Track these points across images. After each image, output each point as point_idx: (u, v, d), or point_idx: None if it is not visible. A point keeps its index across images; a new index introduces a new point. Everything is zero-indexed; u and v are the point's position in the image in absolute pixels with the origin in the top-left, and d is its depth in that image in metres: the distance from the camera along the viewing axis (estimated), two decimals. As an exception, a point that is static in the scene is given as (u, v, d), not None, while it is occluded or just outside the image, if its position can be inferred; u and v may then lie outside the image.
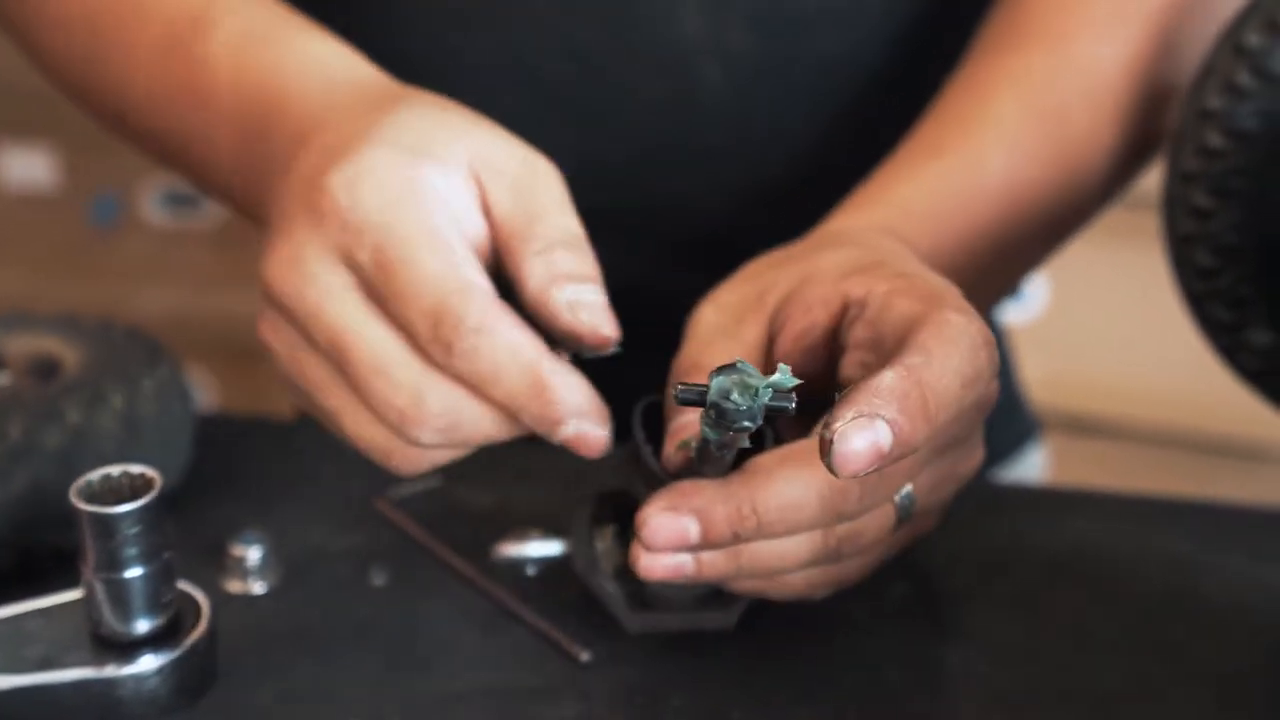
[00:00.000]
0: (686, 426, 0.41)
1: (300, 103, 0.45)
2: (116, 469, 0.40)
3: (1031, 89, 0.53)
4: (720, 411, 0.34)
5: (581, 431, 0.40)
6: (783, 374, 0.34)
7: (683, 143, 0.61)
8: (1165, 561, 0.49)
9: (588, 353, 0.42)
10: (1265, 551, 0.49)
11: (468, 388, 0.40)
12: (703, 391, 0.34)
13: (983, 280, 0.52)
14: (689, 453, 0.39)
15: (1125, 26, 0.53)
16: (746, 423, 0.34)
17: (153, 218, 1.62)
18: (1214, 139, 0.48)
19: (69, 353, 0.51)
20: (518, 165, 0.43)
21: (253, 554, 0.47)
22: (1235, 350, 0.51)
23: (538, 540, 0.46)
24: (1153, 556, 0.49)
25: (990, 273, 0.52)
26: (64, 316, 0.54)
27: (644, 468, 0.41)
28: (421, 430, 0.40)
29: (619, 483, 0.42)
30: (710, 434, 0.35)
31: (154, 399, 0.50)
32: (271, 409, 1.47)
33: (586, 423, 0.40)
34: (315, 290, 0.40)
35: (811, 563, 0.40)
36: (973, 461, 0.44)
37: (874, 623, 0.45)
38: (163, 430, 0.50)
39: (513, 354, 0.39)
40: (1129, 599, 0.47)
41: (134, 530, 0.39)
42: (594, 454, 0.40)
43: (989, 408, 0.43)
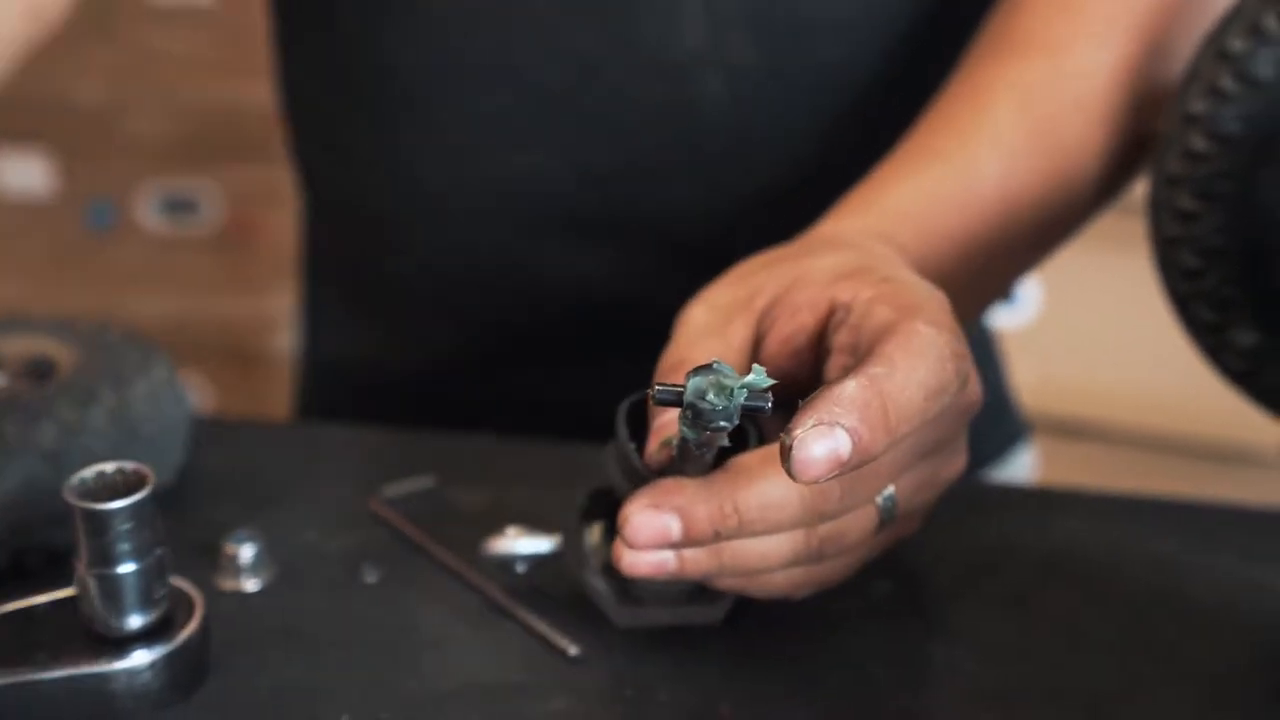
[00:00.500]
0: (668, 425, 0.41)
1: None
2: (110, 466, 0.40)
3: (1027, 97, 0.53)
4: (697, 412, 0.34)
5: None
6: (758, 375, 0.34)
7: (682, 150, 0.61)
8: (1154, 561, 0.49)
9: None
10: (1254, 551, 0.50)
11: None
12: (679, 392, 0.34)
13: (974, 285, 0.52)
14: (671, 450, 0.40)
15: (1118, 34, 0.54)
16: (723, 423, 0.34)
17: (149, 223, 1.62)
18: (1198, 143, 0.48)
19: (64, 354, 0.52)
20: None
21: (246, 552, 0.48)
22: (1220, 351, 0.51)
23: (527, 537, 0.47)
24: (1142, 556, 0.49)
25: (982, 278, 0.53)
26: (60, 319, 0.55)
27: (628, 465, 0.41)
28: None
29: (606, 480, 0.43)
30: (688, 433, 0.36)
31: (147, 400, 0.50)
32: (268, 413, 1.47)
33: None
34: None
35: (793, 562, 0.41)
36: (956, 466, 0.44)
37: (861, 620, 0.46)
38: (156, 430, 0.51)
39: None
40: (1118, 598, 0.47)
41: (127, 526, 0.39)
42: None
43: (973, 413, 0.43)
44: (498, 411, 0.65)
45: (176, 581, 0.43)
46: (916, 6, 0.60)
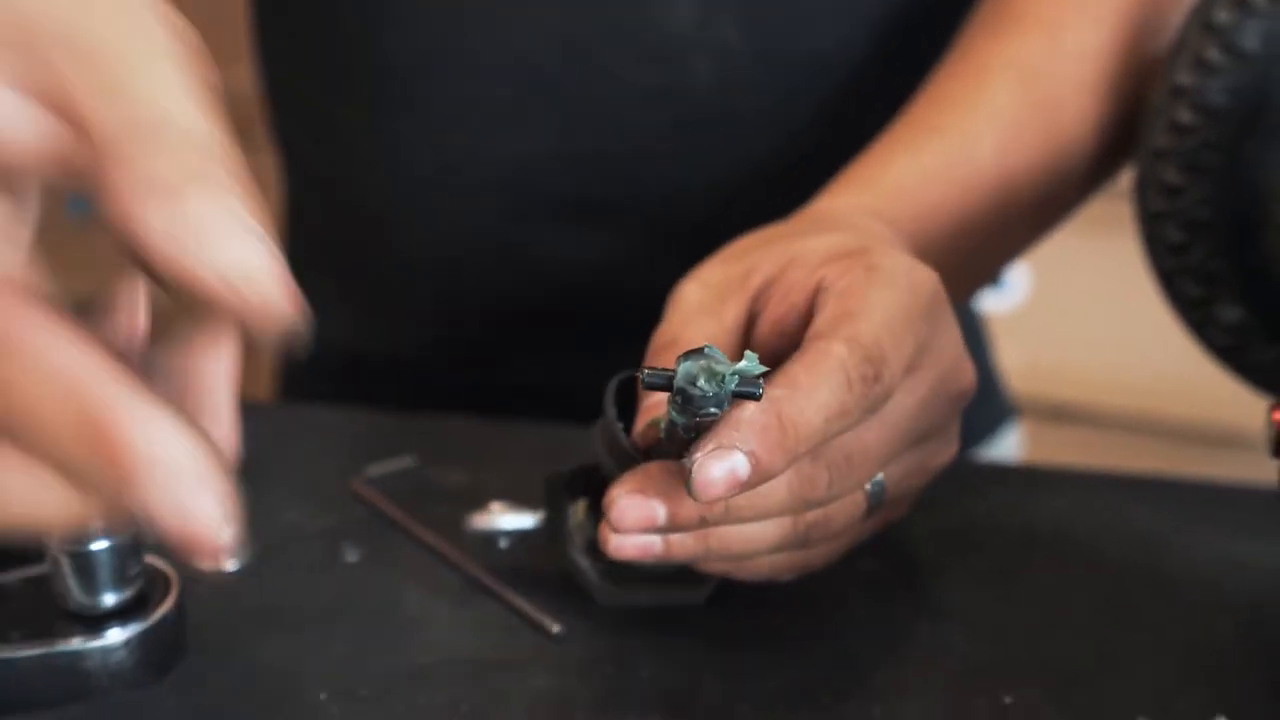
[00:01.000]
0: (657, 405, 0.41)
1: None
2: (83, 441, 0.40)
3: (1026, 74, 0.53)
4: (686, 397, 0.34)
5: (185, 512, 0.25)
6: (750, 361, 0.34)
7: (672, 133, 0.60)
8: (1139, 537, 0.49)
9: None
10: (1238, 528, 0.50)
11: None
12: (669, 376, 0.34)
13: (968, 264, 0.52)
14: (659, 431, 0.39)
15: (1114, 10, 0.54)
16: (713, 409, 0.34)
17: (133, 209, 1.61)
18: (1184, 115, 0.48)
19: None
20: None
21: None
22: (1204, 326, 0.51)
23: (510, 513, 0.46)
24: (1126, 533, 0.49)
25: (976, 257, 0.52)
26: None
27: (615, 444, 0.41)
28: None
29: (593, 452, 0.42)
30: (677, 418, 0.35)
31: (125, 377, 0.50)
32: (253, 398, 1.46)
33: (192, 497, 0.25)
34: None
35: (780, 547, 0.41)
36: (946, 454, 0.44)
37: (846, 597, 0.45)
38: (134, 408, 0.50)
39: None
40: (1102, 574, 0.47)
41: (100, 502, 0.38)
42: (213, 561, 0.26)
43: (965, 401, 0.43)
44: (485, 397, 0.64)
45: (152, 560, 0.42)
46: None
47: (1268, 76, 0.47)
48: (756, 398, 0.34)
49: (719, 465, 0.35)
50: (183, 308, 0.28)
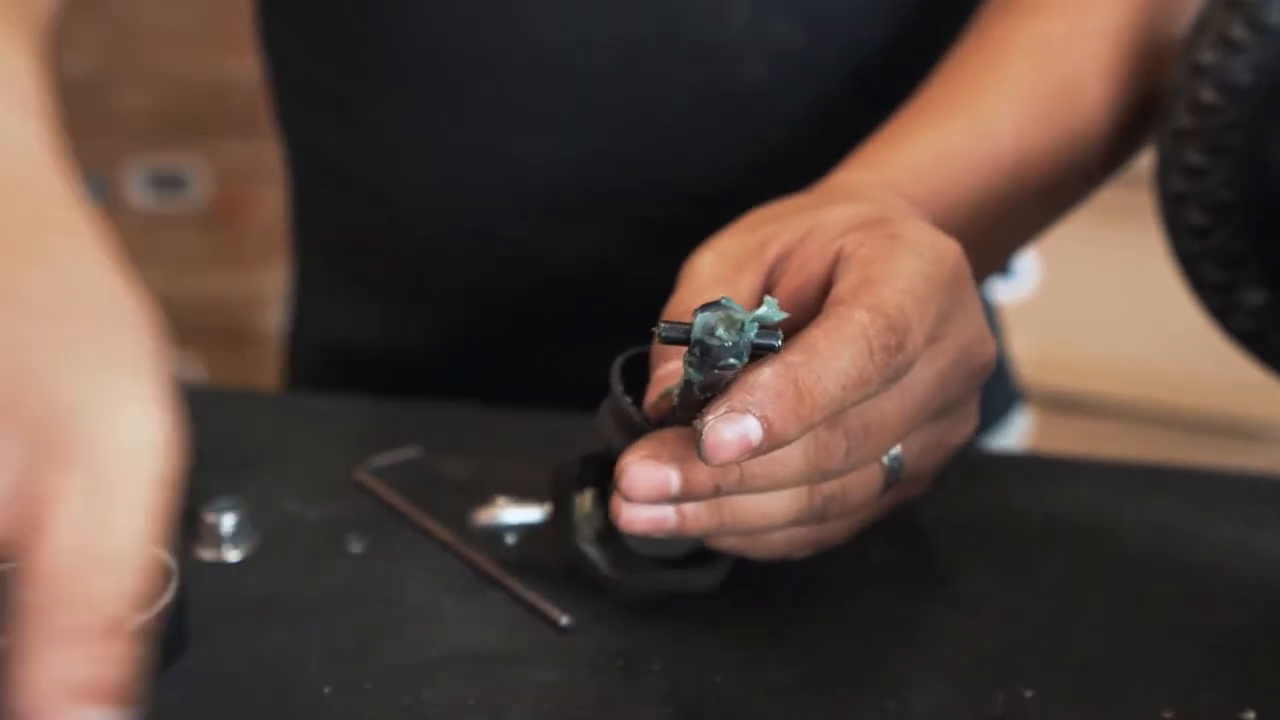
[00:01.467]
0: (669, 376, 0.40)
1: None
2: (80, 430, 0.39)
3: (1046, 54, 0.52)
4: (705, 349, 0.33)
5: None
6: (770, 307, 0.33)
7: (721, 135, 0.60)
8: (1153, 526, 0.48)
9: None
10: (1254, 517, 0.49)
11: None
12: (687, 329, 0.33)
13: (982, 246, 0.51)
14: (671, 400, 0.38)
15: None
16: (732, 360, 0.33)
17: (136, 200, 1.60)
18: (1207, 94, 0.47)
19: None
20: None
21: (226, 521, 0.46)
22: (1227, 312, 0.50)
23: (516, 507, 0.46)
24: (1141, 521, 0.49)
25: (991, 238, 0.51)
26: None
27: (625, 419, 0.40)
28: None
29: (599, 440, 0.41)
30: (694, 375, 0.34)
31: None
32: (258, 387, 1.46)
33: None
34: None
35: (796, 521, 0.40)
36: (965, 430, 0.43)
37: (858, 586, 0.45)
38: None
39: None
40: (1117, 563, 0.46)
41: (98, 491, 0.37)
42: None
43: (986, 375, 0.42)
44: (494, 389, 0.64)
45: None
46: None
47: (1292, 54, 0.46)
48: (776, 349, 0.33)
49: (731, 428, 0.34)
50: None
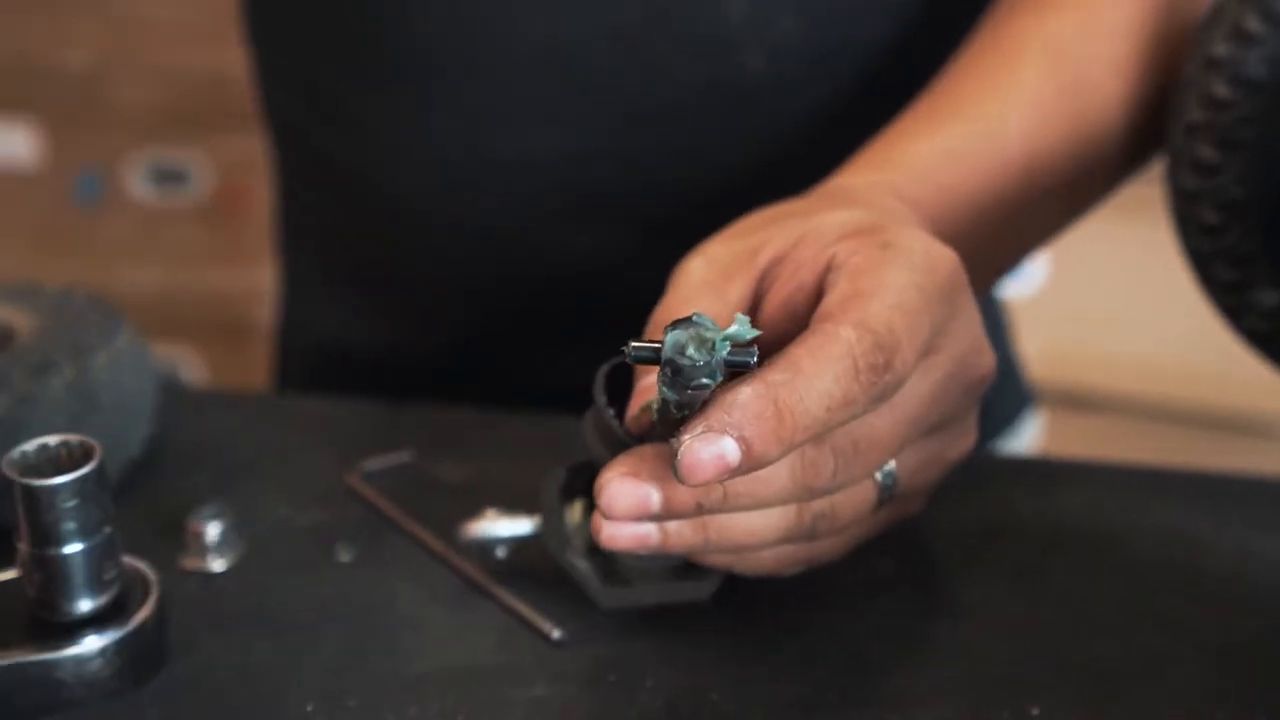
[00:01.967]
0: (652, 388, 0.38)
1: None
2: (55, 439, 0.38)
3: (1057, 54, 0.51)
4: (676, 368, 0.32)
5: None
6: (741, 325, 0.32)
7: (718, 128, 0.58)
8: (1162, 533, 0.47)
9: None
10: (1264, 522, 0.48)
11: None
12: (657, 348, 0.32)
13: (991, 248, 0.50)
14: (653, 415, 0.37)
15: None
16: (705, 380, 0.32)
17: (138, 194, 1.59)
18: (1220, 88, 0.45)
19: (23, 321, 0.49)
20: None
21: (211, 530, 0.45)
22: (1241, 312, 0.49)
23: (506, 519, 0.44)
24: (1150, 528, 0.47)
25: (1000, 241, 0.50)
26: (25, 284, 0.52)
27: (607, 432, 0.38)
28: None
29: (584, 450, 0.40)
30: (668, 394, 0.33)
31: (109, 369, 0.48)
32: (259, 386, 1.45)
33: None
34: None
35: (784, 539, 0.38)
36: (964, 444, 0.42)
37: (859, 597, 0.43)
38: (119, 401, 0.48)
39: None
40: (1125, 571, 0.45)
41: (71, 504, 0.36)
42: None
43: (984, 388, 0.41)
44: (491, 396, 0.62)
45: (132, 561, 0.40)
46: None
47: (1308, 47, 0.44)
48: (750, 366, 0.32)
49: (707, 449, 0.33)
50: None
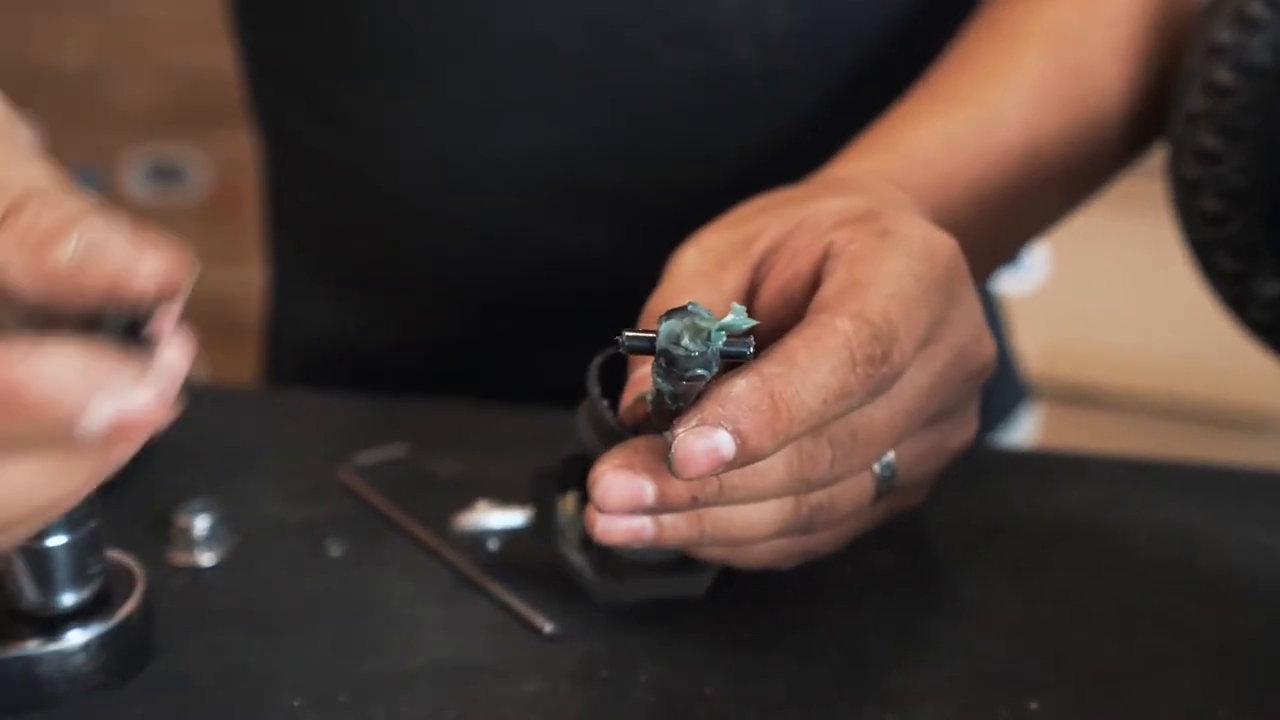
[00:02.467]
0: (646, 379, 0.38)
1: None
2: (38, 431, 0.37)
3: (1058, 41, 0.50)
4: (670, 359, 0.31)
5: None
6: (737, 315, 0.31)
7: (708, 119, 0.58)
8: (1163, 528, 0.47)
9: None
10: (1265, 516, 0.47)
11: None
12: (651, 338, 0.31)
13: (991, 237, 0.49)
14: (647, 406, 0.37)
15: None
16: (700, 370, 0.31)
17: (135, 192, 1.59)
18: (1223, 75, 0.45)
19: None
20: None
21: (199, 524, 0.45)
22: (1243, 303, 0.48)
23: (499, 511, 0.44)
24: (1150, 523, 0.47)
25: (1000, 230, 0.50)
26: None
27: (601, 423, 0.38)
28: None
29: (578, 443, 0.40)
30: (663, 385, 0.33)
31: (97, 362, 0.47)
32: (237, 382, 1.44)
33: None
34: None
35: (781, 532, 0.38)
36: (964, 434, 0.41)
37: (856, 592, 0.43)
38: (107, 395, 0.48)
39: None
40: (1125, 566, 0.45)
41: (54, 496, 0.36)
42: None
43: (984, 377, 0.40)
44: (483, 391, 0.62)
45: (118, 556, 0.40)
46: None
47: (1313, 33, 0.43)
48: (746, 357, 0.32)
49: (701, 442, 0.33)
50: None
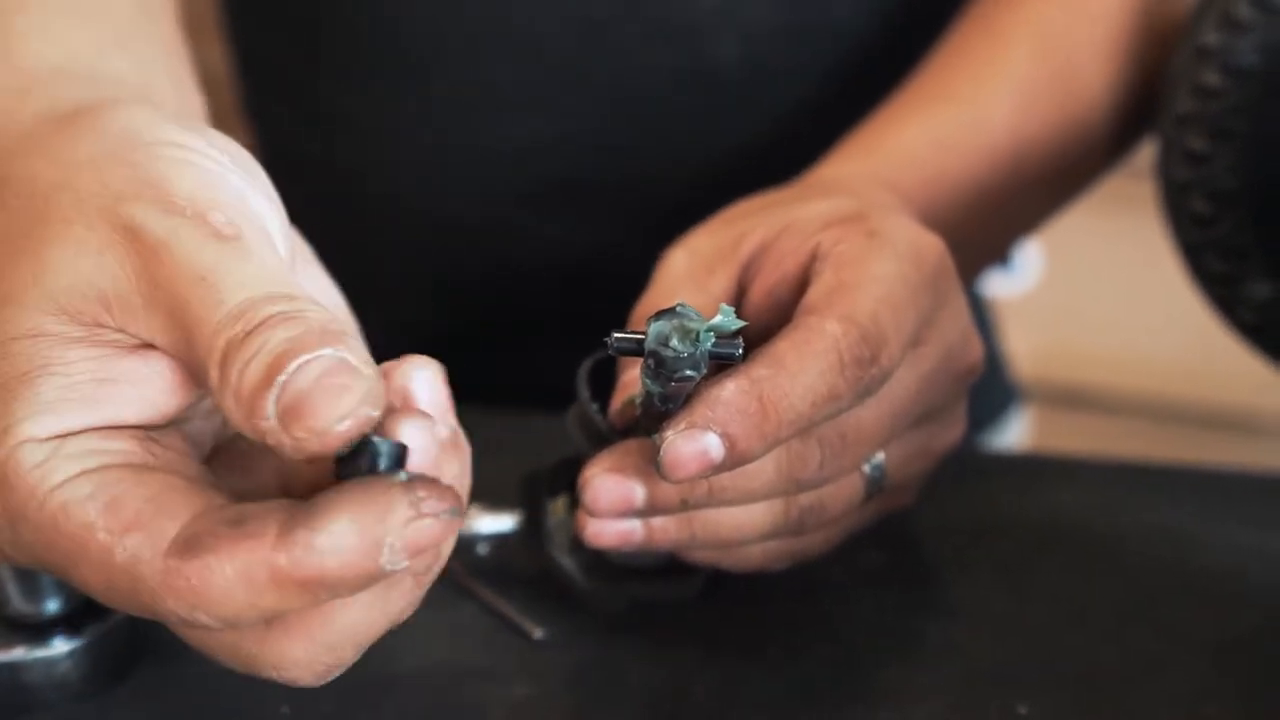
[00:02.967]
0: (636, 381, 0.38)
1: None
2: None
3: (1046, 39, 0.51)
4: (659, 360, 0.31)
5: None
6: (726, 316, 0.31)
7: (692, 116, 0.58)
8: (1156, 530, 0.47)
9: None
10: (1259, 518, 0.47)
11: None
12: (639, 339, 0.31)
13: (979, 237, 0.49)
14: (636, 409, 0.37)
15: None
16: (689, 372, 0.31)
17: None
18: (1211, 78, 0.45)
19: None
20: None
21: (187, 529, 0.44)
22: (1232, 304, 0.48)
23: (487, 515, 0.44)
24: (1143, 525, 0.47)
25: (988, 229, 0.50)
26: None
27: (590, 426, 0.38)
28: None
29: (569, 447, 0.40)
30: (652, 386, 0.33)
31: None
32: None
33: None
34: None
35: (771, 534, 0.38)
36: (952, 435, 0.42)
37: (848, 593, 0.43)
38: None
39: None
40: (1119, 568, 0.45)
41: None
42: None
43: (973, 378, 0.40)
44: (473, 393, 0.62)
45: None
46: None
47: (1301, 34, 0.44)
48: (735, 358, 0.32)
49: (690, 445, 0.33)
50: None
